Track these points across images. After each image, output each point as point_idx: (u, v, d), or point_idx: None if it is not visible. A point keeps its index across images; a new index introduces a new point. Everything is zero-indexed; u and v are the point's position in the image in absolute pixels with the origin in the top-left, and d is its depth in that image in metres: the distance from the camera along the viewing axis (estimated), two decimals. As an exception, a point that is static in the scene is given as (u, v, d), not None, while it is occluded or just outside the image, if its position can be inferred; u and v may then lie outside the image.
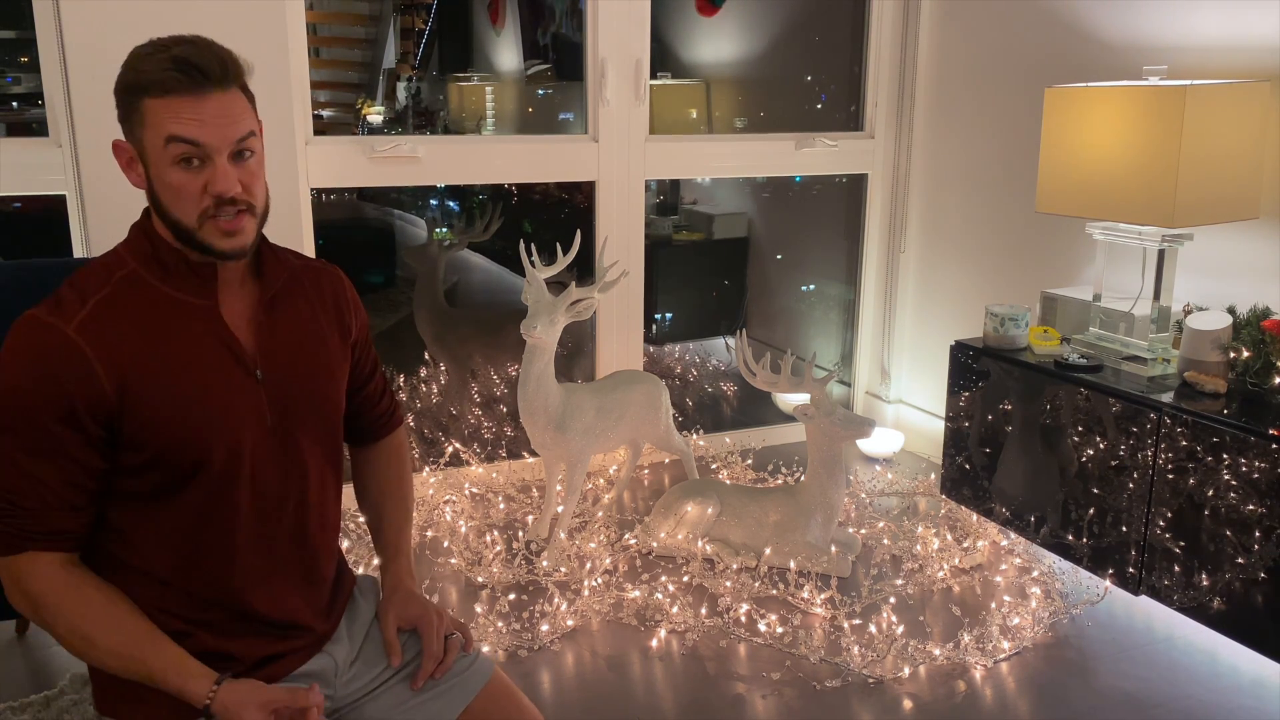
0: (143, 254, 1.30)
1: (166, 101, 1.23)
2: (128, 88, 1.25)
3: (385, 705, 1.44)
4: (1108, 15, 2.87)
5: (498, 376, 3.79)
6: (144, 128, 1.25)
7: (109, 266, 1.30)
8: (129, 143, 1.28)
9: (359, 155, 2.97)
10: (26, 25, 2.54)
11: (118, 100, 1.27)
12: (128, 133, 1.28)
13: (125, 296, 1.27)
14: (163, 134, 1.24)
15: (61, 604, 1.26)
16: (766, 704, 2.24)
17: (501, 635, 2.46)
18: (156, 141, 1.25)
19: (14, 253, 2.56)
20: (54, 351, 1.22)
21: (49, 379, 1.21)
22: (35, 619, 1.28)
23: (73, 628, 1.26)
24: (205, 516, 1.31)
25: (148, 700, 1.29)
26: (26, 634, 2.44)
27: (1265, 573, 2.16)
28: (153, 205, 1.30)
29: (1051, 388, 2.61)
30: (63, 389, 1.21)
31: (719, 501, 2.84)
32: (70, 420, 1.22)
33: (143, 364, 1.25)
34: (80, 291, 1.26)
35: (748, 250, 4.42)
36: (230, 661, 1.33)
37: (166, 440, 1.26)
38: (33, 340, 1.23)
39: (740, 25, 4.23)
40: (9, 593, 1.27)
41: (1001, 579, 2.74)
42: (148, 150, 1.26)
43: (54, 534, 1.25)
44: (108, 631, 1.26)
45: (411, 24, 4.64)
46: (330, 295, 1.47)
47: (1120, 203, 2.47)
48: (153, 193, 1.28)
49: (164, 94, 1.23)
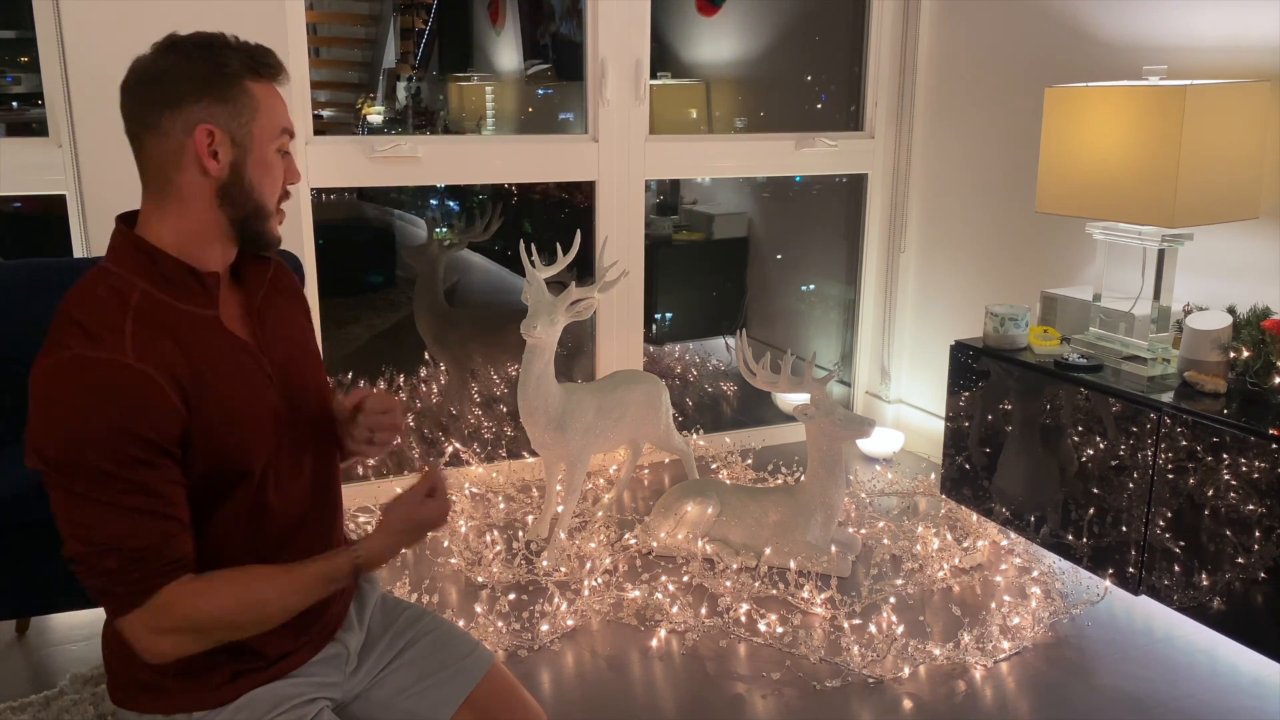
0: (145, 270, 1.25)
1: (268, 88, 1.28)
2: (224, 74, 1.24)
3: (388, 691, 1.46)
4: (1108, 15, 2.87)
5: (498, 376, 3.79)
6: (255, 113, 1.26)
7: (119, 291, 1.23)
8: (219, 128, 1.24)
9: (359, 155, 2.97)
10: (26, 25, 2.54)
11: (202, 88, 1.23)
12: (219, 118, 1.24)
13: (150, 316, 1.22)
14: (279, 123, 1.29)
15: (213, 606, 1.23)
16: (766, 704, 2.24)
17: (501, 635, 2.46)
18: (271, 128, 1.28)
19: (14, 253, 2.56)
20: (122, 383, 1.17)
21: (126, 412, 1.16)
22: (195, 641, 1.24)
23: (239, 611, 1.25)
24: (239, 522, 1.31)
25: (167, 690, 1.29)
26: (26, 634, 2.44)
27: (1265, 573, 2.16)
28: (226, 191, 1.26)
29: (1051, 388, 2.61)
30: (142, 419, 1.17)
31: (719, 501, 2.84)
32: (155, 448, 1.18)
33: (192, 380, 1.22)
34: (103, 320, 1.20)
35: (748, 250, 4.42)
36: (256, 657, 1.33)
37: (221, 453, 1.25)
38: (93, 379, 1.16)
39: (740, 25, 4.23)
40: (151, 642, 1.22)
41: (1001, 579, 2.74)
42: (255, 136, 1.26)
43: (174, 563, 1.21)
44: (266, 590, 1.27)
45: (411, 24, 4.64)
46: (290, 285, 1.47)
47: (1120, 203, 2.47)
48: (235, 178, 1.26)
49: (264, 79, 1.27)
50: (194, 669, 1.29)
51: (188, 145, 1.24)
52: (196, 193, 1.26)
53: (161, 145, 1.25)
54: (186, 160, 1.24)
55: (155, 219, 1.27)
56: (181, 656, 1.25)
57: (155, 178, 1.26)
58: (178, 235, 1.26)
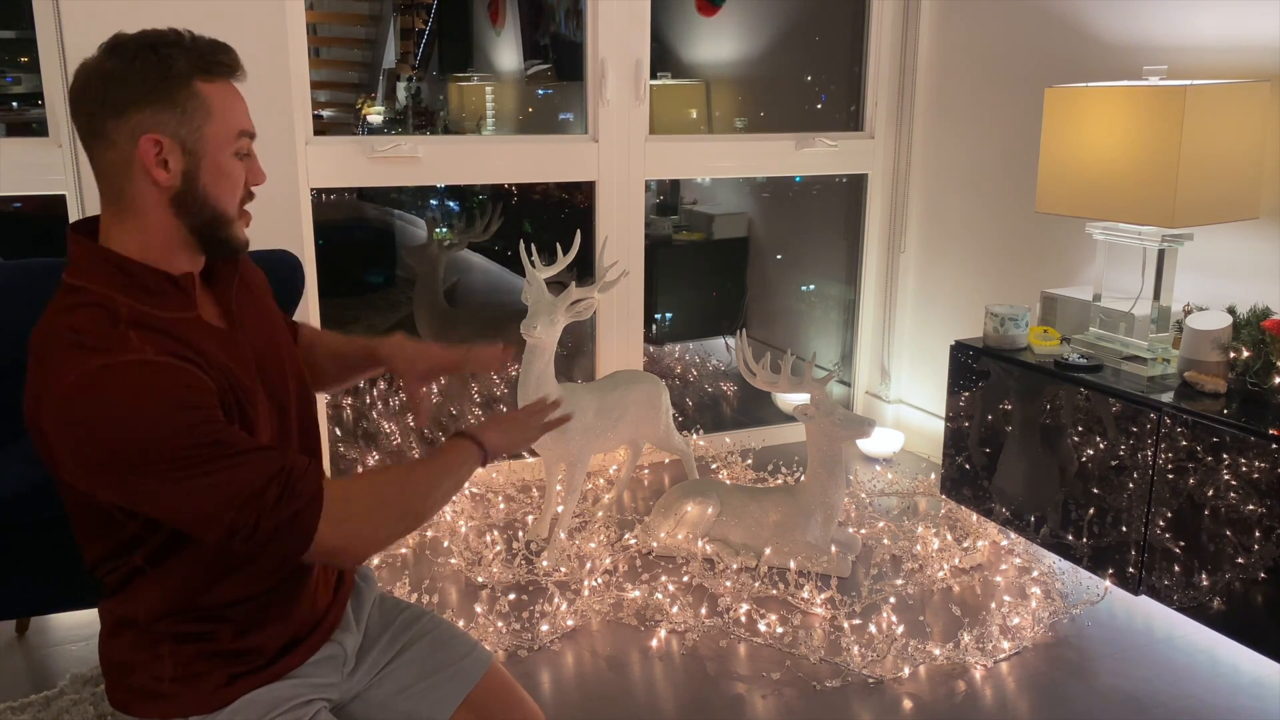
0: (119, 284, 1.19)
1: (222, 87, 1.20)
2: (169, 76, 1.17)
3: (387, 691, 1.46)
4: (1108, 15, 2.87)
5: (498, 376, 3.79)
6: (208, 116, 1.19)
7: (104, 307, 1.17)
8: (166, 136, 1.17)
9: (359, 155, 2.97)
10: (26, 25, 2.54)
11: (146, 93, 1.16)
12: (166, 125, 1.17)
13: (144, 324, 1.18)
14: (234, 126, 1.22)
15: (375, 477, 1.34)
16: (766, 704, 2.24)
17: (501, 635, 2.46)
18: (226, 132, 1.21)
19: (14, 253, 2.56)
20: (157, 375, 1.13)
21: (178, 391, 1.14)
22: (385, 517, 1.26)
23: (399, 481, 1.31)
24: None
25: (164, 694, 1.29)
26: (26, 634, 2.44)
27: (1265, 573, 2.16)
28: (180, 200, 1.20)
29: (1051, 388, 2.61)
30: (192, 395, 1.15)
31: (719, 501, 2.84)
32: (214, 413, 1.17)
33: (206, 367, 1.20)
34: (104, 334, 1.15)
35: (748, 250, 4.42)
36: (253, 658, 1.33)
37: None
38: (133, 378, 1.12)
39: (740, 25, 4.23)
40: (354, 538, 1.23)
41: (1001, 579, 2.74)
42: (208, 141, 1.19)
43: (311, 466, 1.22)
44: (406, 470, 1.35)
45: (411, 24, 4.65)
46: (257, 279, 1.44)
47: (1120, 203, 2.47)
48: (189, 187, 1.20)
49: (217, 78, 1.20)
50: (191, 672, 1.29)
51: (134, 155, 1.17)
52: (151, 203, 1.20)
53: (110, 155, 1.19)
54: (136, 170, 1.18)
55: (117, 230, 1.22)
56: (381, 547, 1.29)
57: (109, 188, 1.21)
58: (141, 246, 1.21)
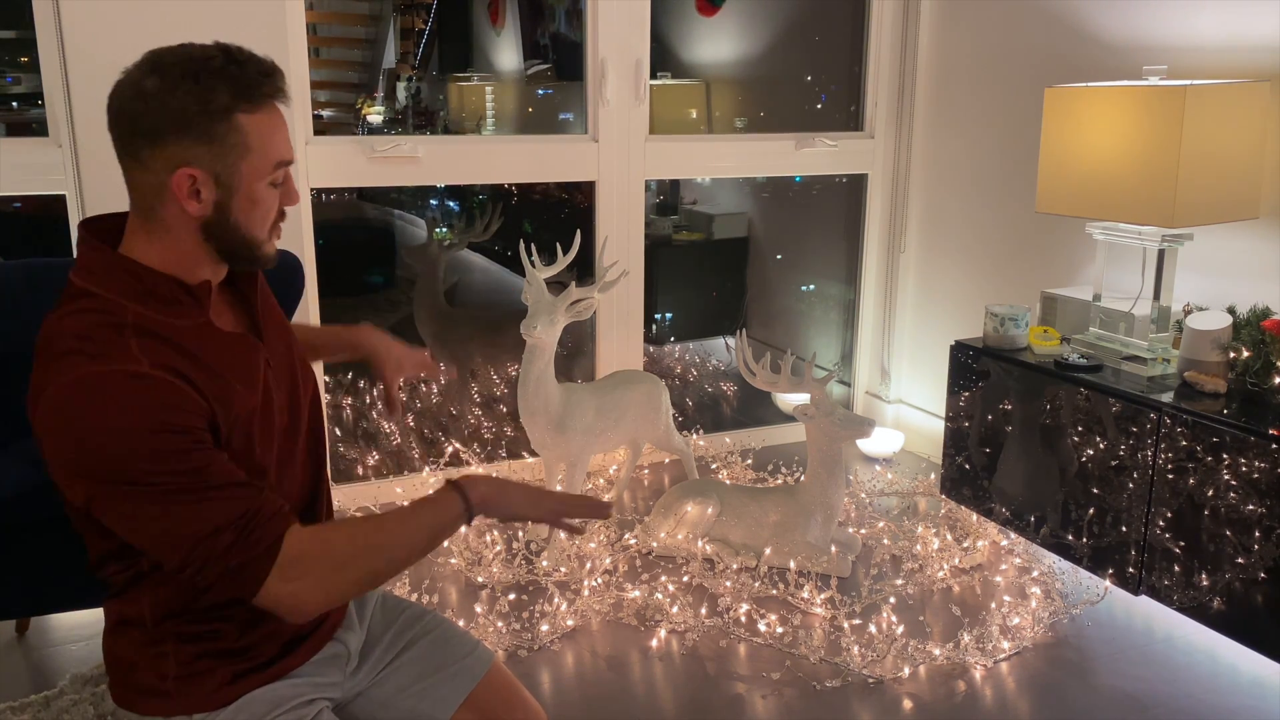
0: (133, 292, 1.20)
1: (266, 116, 1.19)
2: (209, 110, 1.16)
3: (389, 690, 1.46)
4: (1108, 15, 2.87)
5: (498, 376, 3.79)
6: (246, 152, 1.18)
7: (110, 314, 1.18)
8: (201, 169, 1.17)
9: (359, 155, 2.97)
10: (26, 25, 2.54)
11: (185, 126, 1.16)
12: (202, 159, 1.17)
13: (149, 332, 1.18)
14: (272, 158, 1.21)
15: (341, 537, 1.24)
16: (766, 704, 2.24)
17: (501, 635, 2.46)
18: (263, 165, 1.20)
19: (14, 253, 2.56)
20: (143, 389, 1.13)
21: (158, 410, 1.13)
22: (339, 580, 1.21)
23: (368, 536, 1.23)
24: None
25: (167, 692, 1.29)
26: (26, 634, 2.44)
27: (1265, 573, 2.16)
28: (211, 227, 1.21)
29: (1051, 388, 2.61)
30: (174, 415, 1.14)
31: (719, 501, 2.84)
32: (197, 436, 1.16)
33: (205, 380, 1.20)
34: (104, 341, 1.15)
35: (748, 250, 4.42)
36: (255, 657, 1.33)
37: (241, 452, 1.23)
38: (114, 390, 1.12)
39: (740, 25, 4.23)
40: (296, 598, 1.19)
41: (1001, 579, 2.74)
42: (243, 176, 1.19)
43: (280, 512, 1.20)
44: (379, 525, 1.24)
45: (411, 24, 4.64)
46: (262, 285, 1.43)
47: (1120, 203, 2.47)
48: (220, 217, 1.21)
49: (260, 108, 1.18)
50: (194, 671, 1.29)
51: (168, 183, 1.18)
52: (180, 225, 1.21)
53: (144, 178, 1.19)
54: (168, 196, 1.19)
55: (143, 241, 1.23)
56: (332, 606, 1.24)
57: (140, 203, 1.22)
58: (164, 259, 1.22)
